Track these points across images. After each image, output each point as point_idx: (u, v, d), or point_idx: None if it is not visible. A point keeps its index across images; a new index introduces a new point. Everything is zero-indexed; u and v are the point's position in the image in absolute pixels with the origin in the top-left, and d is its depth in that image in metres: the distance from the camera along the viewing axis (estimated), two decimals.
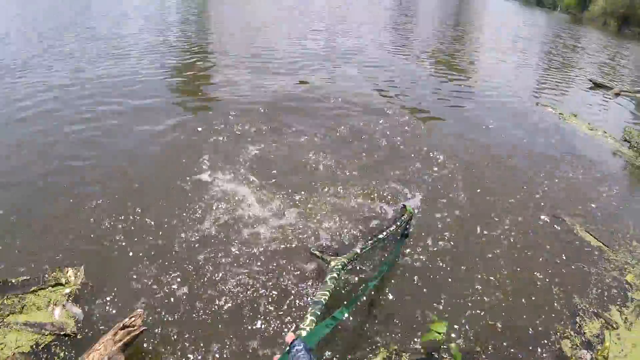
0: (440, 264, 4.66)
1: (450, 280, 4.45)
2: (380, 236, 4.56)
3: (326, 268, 4.00)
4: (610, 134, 9.16)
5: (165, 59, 10.79)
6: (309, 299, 4.01)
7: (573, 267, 4.90)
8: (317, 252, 4.45)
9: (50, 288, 4.00)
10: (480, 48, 17.61)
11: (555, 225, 5.60)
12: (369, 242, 4.43)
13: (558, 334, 4.01)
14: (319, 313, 3.14)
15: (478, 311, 4.12)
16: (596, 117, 10.47)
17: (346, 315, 3.41)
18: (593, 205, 6.23)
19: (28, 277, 4.06)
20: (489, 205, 5.83)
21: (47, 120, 7.14)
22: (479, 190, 6.13)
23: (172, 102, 8.15)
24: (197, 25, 14.67)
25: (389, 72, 11.62)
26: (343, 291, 4.22)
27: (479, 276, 4.55)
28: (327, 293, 3.43)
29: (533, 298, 4.37)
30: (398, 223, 4.90)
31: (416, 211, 5.38)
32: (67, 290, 3.98)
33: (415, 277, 4.45)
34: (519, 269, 4.73)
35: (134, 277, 4.12)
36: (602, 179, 7.07)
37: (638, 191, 7.09)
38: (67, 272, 4.15)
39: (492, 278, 4.55)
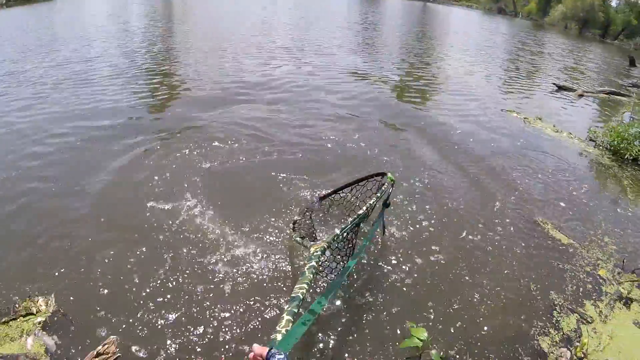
0: (415, 268, 4.70)
1: (425, 284, 4.50)
2: (360, 212, 4.17)
3: (307, 255, 3.70)
4: (576, 135, 9.48)
5: (129, 84, 10.60)
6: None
7: (547, 265, 5.03)
8: (297, 239, 4.28)
9: (21, 318, 3.90)
10: (445, 58, 18.05)
11: (527, 225, 5.75)
12: (349, 220, 4.06)
13: (536, 331, 4.10)
14: (296, 310, 2.84)
15: (455, 314, 4.17)
16: (561, 119, 10.83)
17: (325, 305, 3.14)
18: (562, 204, 6.42)
19: None
20: (459, 211, 5.94)
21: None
22: (448, 197, 6.25)
23: (132, 127, 7.97)
24: (164, 48, 14.65)
25: (353, 84, 11.81)
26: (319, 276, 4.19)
27: (454, 281, 4.62)
28: (305, 286, 3.08)
29: (511, 297, 4.46)
30: (378, 194, 4.48)
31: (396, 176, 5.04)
32: (39, 319, 3.89)
33: (391, 281, 4.48)
34: (493, 271, 4.83)
35: (106, 304, 4.07)
36: (570, 179, 7.31)
37: (605, 188, 7.32)
38: (38, 301, 4.05)
39: (468, 280, 4.64)
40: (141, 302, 4.09)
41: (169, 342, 3.68)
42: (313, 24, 23.73)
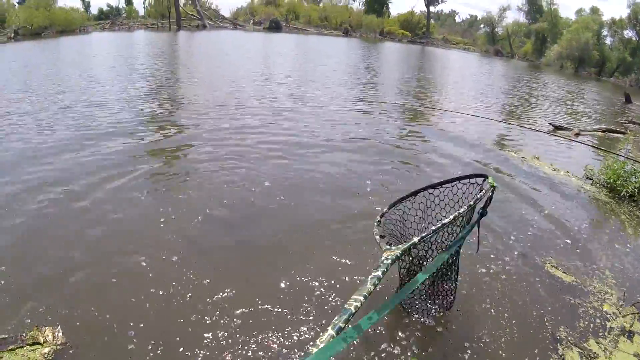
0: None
1: (432, 324, 4.61)
2: (446, 220, 3.45)
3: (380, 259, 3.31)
4: (573, 173, 9.68)
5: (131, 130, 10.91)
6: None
7: (549, 301, 5.10)
8: (377, 237, 3.80)
9: (28, 347, 3.89)
10: (442, 98, 18.51)
11: (525, 265, 5.84)
12: (432, 228, 3.45)
13: None
14: (342, 325, 2.59)
15: (461, 352, 4.24)
16: (558, 158, 11.05)
17: (376, 321, 2.77)
18: (561, 240, 6.55)
19: (5, 336, 3.98)
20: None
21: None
22: None
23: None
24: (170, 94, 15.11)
25: (352, 129, 12.10)
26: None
27: (457, 320, 4.72)
28: (362, 298, 2.80)
29: (515, 336, 4.52)
30: (472, 202, 3.62)
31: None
32: (46, 350, 3.88)
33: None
34: (494, 312, 4.86)
35: (115, 340, 4.10)
36: (569, 215, 7.45)
37: (604, 224, 7.44)
38: (45, 331, 4.05)
39: (468, 318, 4.71)
40: (147, 340, 4.10)
41: None
42: (314, 71, 24.41)
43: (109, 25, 51.99)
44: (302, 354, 2.72)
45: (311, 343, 2.47)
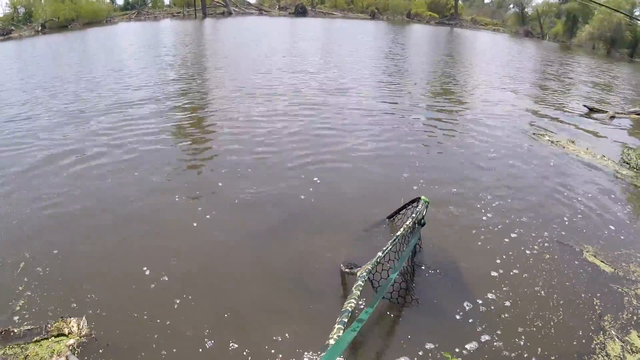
0: (449, 298, 4.71)
1: (462, 308, 4.50)
2: (399, 233, 4.70)
3: (354, 280, 4.12)
4: (609, 157, 9.23)
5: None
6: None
7: (587, 292, 4.89)
8: (346, 270, 4.69)
9: (53, 338, 3.92)
10: (474, 82, 17.90)
11: (563, 252, 5.63)
12: (389, 242, 4.54)
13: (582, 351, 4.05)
14: (345, 320, 3.32)
15: (498, 347, 4.13)
16: (593, 141, 10.57)
17: (371, 312, 3.52)
18: (599, 228, 6.28)
19: (30, 327, 4.02)
20: (494, 235, 5.93)
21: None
22: (479, 222, 6.26)
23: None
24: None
25: (384, 107, 11.91)
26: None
27: (493, 303, 4.59)
28: (354, 301, 3.60)
29: (551, 323, 4.38)
30: (414, 215, 5.10)
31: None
32: (71, 341, 3.90)
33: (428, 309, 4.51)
34: (530, 299, 4.75)
35: (139, 332, 4.12)
36: (605, 202, 7.12)
37: None
38: (70, 322, 4.06)
39: (506, 304, 4.59)
40: (174, 333, 4.11)
41: None
42: (343, 59, 24.05)
43: (135, 15, 51.53)
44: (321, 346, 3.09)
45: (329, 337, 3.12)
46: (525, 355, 3.98)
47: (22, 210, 6.27)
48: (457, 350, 3.99)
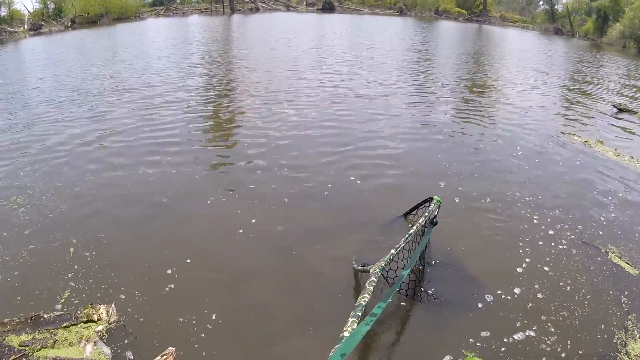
0: (475, 294, 4.77)
1: (486, 305, 4.57)
2: (411, 231, 4.74)
3: (367, 277, 4.14)
4: (638, 159, 9.06)
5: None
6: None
7: (612, 291, 4.89)
8: (359, 268, 4.74)
9: (82, 324, 3.98)
10: (503, 79, 17.64)
11: (587, 252, 5.61)
12: (402, 240, 4.60)
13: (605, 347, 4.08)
14: (359, 314, 3.38)
15: (520, 342, 4.18)
16: (622, 142, 10.34)
17: (384, 306, 3.59)
18: (624, 231, 6.21)
19: (60, 313, 4.12)
20: (520, 233, 5.95)
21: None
22: (505, 218, 6.29)
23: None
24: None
25: (409, 102, 11.89)
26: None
27: (516, 301, 4.64)
28: (367, 296, 3.65)
29: (575, 322, 4.41)
30: (427, 214, 5.14)
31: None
32: (99, 328, 3.96)
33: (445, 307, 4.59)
34: (554, 297, 4.77)
35: (166, 315, 4.23)
36: (632, 204, 7.01)
37: None
38: (99, 309, 4.11)
39: (530, 305, 4.63)
40: (202, 317, 4.24)
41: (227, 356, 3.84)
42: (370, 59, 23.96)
43: (164, 11, 51.91)
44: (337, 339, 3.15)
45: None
46: (548, 350, 4.05)
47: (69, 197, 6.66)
48: (478, 344, 4.09)
